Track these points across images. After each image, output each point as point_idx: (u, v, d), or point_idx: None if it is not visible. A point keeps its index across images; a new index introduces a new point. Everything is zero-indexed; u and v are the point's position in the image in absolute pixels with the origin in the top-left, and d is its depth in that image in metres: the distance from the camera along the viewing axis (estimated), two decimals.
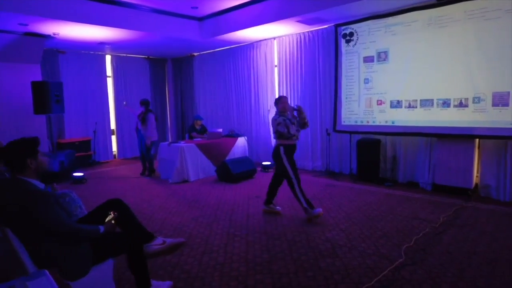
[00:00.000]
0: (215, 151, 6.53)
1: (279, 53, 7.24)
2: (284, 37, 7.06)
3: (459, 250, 3.02)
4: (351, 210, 4.23)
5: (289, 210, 4.31)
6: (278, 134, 3.98)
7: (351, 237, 3.38)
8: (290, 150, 4.00)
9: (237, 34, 6.95)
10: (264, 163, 6.93)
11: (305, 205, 3.88)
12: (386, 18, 5.25)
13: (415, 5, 4.95)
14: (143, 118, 6.50)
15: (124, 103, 7.22)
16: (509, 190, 4.47)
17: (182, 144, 6.18)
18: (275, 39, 7.25)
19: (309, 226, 3.72)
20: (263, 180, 6.04)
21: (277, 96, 7.24)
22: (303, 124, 4.10)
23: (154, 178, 6.56)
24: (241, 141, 7.08)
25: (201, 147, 6.32)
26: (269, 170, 6.82)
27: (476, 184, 4.86)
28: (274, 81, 7.43)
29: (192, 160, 6.16)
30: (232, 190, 5.38)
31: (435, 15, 4.78)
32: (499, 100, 4.36)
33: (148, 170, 6.73)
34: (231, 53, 8.20)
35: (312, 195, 4.98)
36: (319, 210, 3.86)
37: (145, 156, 6.72)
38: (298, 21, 5.94)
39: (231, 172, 5.81)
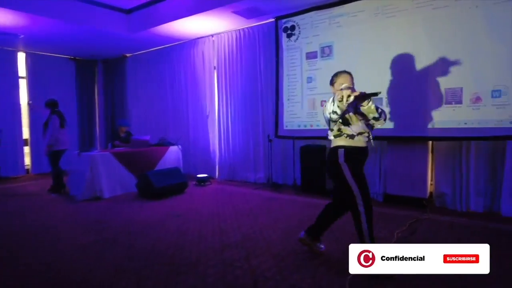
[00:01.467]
0: (139, 162, 5.49)
1: (218, 52, 6.47)
2: (222, 34, 6.32)
3: (421, 276, 2.29)
4: (289, 228, 3.43)
5: (212, 227, 3.42)
6: (334, 129, 2.46)
7: (282, 265, 2.55)
8: (355, 155, 2.42)
9: (170, 29, 6.10)
10: (199, 175, 5.99)
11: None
12: (331, 9, 4.69)
13: None
14: (45, 122, 5.35)
15: (29, 102, 5.98)
16: (465, 198, 3.95)
17: (94, 153, 5.10)
18: (213, 36, 6.49)
19: (232, 252, 2.85)
20: (196, 196, 5.11)
21: (213, 101, 6.51)
22: (374, 119, 2.42)
23: (64, 195, 5.37)
24: (174, 150, 6.12)
25: (120, 157, 5.26)
26: (205, 183, 5.89)
27: (431, 193, 4.31)
28: (213, 84, 6.62)
29: (107, 173, 5.07)
30: (151, 208, 4.38)
31: (382, 4, 4.28)
32: (452, 97, 3.87)
33: (54, 186, 5.51)
34: (167, 53, 7.31)
35: (248, 210, 4.16)
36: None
37: (51, 169, 5.52)
38: (233, 12, 5.22)
39: (153, 186, 4.81)
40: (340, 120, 2.39)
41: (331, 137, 2.51)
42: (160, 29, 6.12)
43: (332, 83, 2.57)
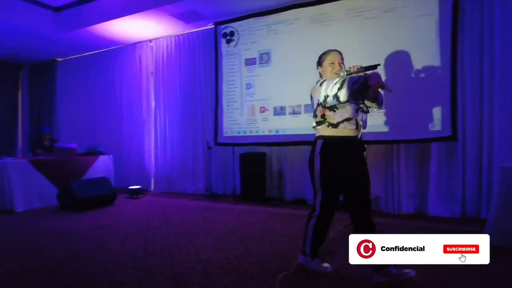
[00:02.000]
0: (63, 172, 4.92)
1: (156, 57, 6.21)
2: (161, 39, 6.10)
3: (352, 275, 2.22)
4: (223, 234, 3.21)
5: (138, 237, 3.08)
6: (318, 114, 2.15)
7: (210, 270, 2.32)
8: (336, 148, 2.08)
9: (104, 31, 5.74)
10: (131, 187, 5.55)
11: (307, 250, 2.24)
12: (268, 16, 4.74)
13: (297, 2, 4.53)
14: None
15: None
16: (397, 200, 4.07)
17: (4, 160, 4.48)
18: (151, 41, 6.23)
19: (156, 260, 2.55)
20: (125, 208, 4.67)
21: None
22: (372, 99, 2.15)
23: None
24: (104, 160, 5.63)
25: (40, 166, 4.68)
26: (138, 195, 5.46)
27: None
28: (150, 90, 6.29)
29: (22, 183, 4.46)
30: (71, 221, 3.89)
31: (317, 13, 4.42)
32: (384, 103, 4.02)
33: None
34: (102, 58, 6.85)
35: (180, 220, 3.87)
36: (327, 266, 2.21)
37: None
38: (171, 15, 5.05)
39: (76, 197, 4.31)
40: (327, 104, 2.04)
41: (313, 124, 2.19)
42: (93, 31, 5.74)
43: (320, 62, 2.28)
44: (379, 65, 1.99)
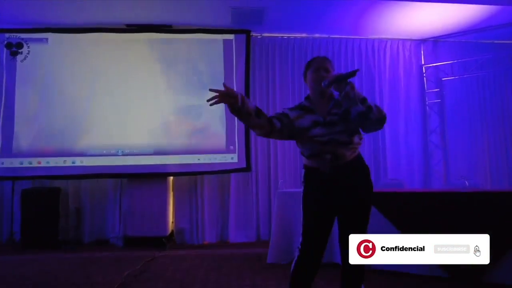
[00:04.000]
0: None
1: None
2: None
3: None
4: None
5: None
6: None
7: None
8: (316, 178, 1.63)
9: None
10: None
11: None
12: (74, 34, 4.25)
13: (103, 26, 4.26)
14: None
15: None
16: (201, 231, 4.18)
17: None
18: None
19: None
20: None
21: None
22: (363, 116, 1.51)
23: None
24: None
25: None
26: None
27: (173, 230, 4.31)
28: None
29: None
30: None
31: (122, 38, 4.28)
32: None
33: None
34: None
35: None
36: None
37: None
38: None
39: None
40: None
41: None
42: None
43: (304, 73, 1.73)
44: (358, 70, 1.64)
